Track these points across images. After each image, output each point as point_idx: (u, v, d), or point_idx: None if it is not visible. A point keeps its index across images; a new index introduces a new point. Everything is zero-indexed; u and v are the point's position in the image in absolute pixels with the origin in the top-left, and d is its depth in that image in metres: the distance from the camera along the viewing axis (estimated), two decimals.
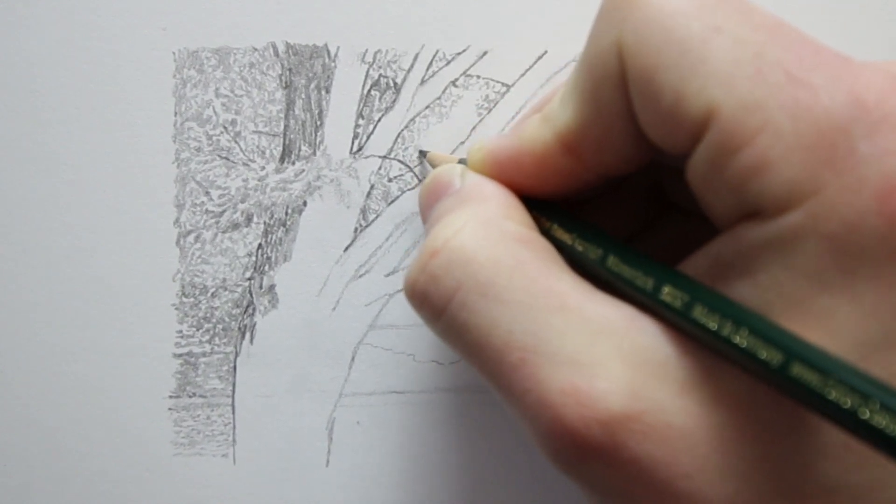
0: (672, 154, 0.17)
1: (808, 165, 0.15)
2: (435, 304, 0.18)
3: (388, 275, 0.28)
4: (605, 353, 0.16)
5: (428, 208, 0.21)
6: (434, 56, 0.28)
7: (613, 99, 0.17)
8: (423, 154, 0.28)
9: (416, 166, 0.28)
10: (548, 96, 0.23)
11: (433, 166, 0.26)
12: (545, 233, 0.20)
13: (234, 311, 0.28)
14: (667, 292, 0.16)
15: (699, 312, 0.16)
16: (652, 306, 0.17)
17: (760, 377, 0.15)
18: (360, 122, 0.28)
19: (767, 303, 0.15)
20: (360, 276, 0.28)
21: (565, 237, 0.19)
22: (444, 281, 0.18)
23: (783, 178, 0.15)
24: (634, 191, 0.23)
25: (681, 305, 0.16)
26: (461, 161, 0.23)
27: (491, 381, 0.18)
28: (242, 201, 0.28)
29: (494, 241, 0.18)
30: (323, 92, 0.28)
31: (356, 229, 0.28)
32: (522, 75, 0.28)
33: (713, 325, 0.15)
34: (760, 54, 0.15)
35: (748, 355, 0.15)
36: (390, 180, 0.28)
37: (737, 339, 0.15)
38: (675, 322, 0.16)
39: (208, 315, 0.28)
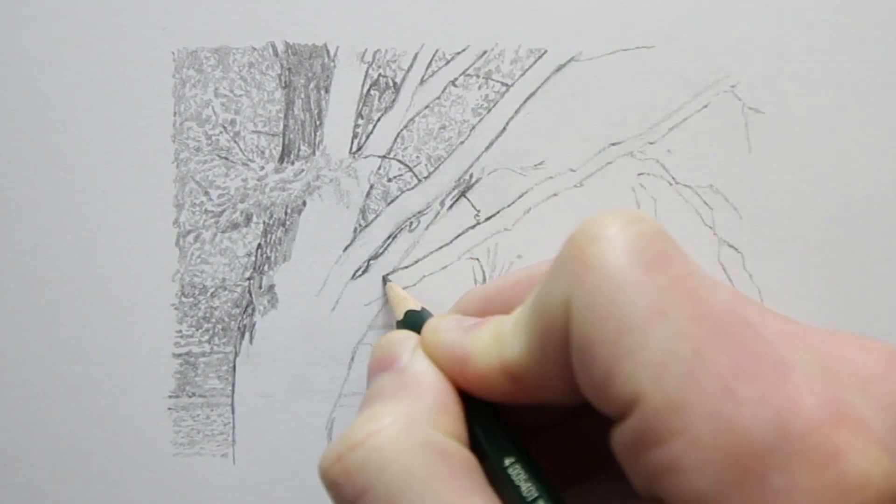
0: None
1: (718, 483, 0.14)
2: (344, 497, 0.18)
3: (387, 275, 0.28)
4: None
5: (372, 375, 0.22)
6: (433, 56, 0.28)
7: (557, 351, 0.17)
8: (384, 280, 0.28)
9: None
10: (519, 278, 0.23)
11: (389, 297, 0.27)
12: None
13: (233, 311, 0.28)
14: None
15: None
16: None
17: None
18: (360, 121, 0.28)
19: None
20: (360, 276, 0.28)
21: (482, 439, 0.20)
22: (356, 480, 0.18)
23: (692, 487, 0.15)
24: None
25: None
26: (415, 313, 0.24)
27: None
28: (242, 201, 0.28)
29: (414, 449, 0.18)
30: (322, 92, 0.28)
31: (355, 229, 0.28)
32: (522, 75, 0.28)
33: None
34: (698, 352, 0.15)
35: None
36: (390, 180, 0.28)
37: None
38: None
39: (208, 315, 0.28)
